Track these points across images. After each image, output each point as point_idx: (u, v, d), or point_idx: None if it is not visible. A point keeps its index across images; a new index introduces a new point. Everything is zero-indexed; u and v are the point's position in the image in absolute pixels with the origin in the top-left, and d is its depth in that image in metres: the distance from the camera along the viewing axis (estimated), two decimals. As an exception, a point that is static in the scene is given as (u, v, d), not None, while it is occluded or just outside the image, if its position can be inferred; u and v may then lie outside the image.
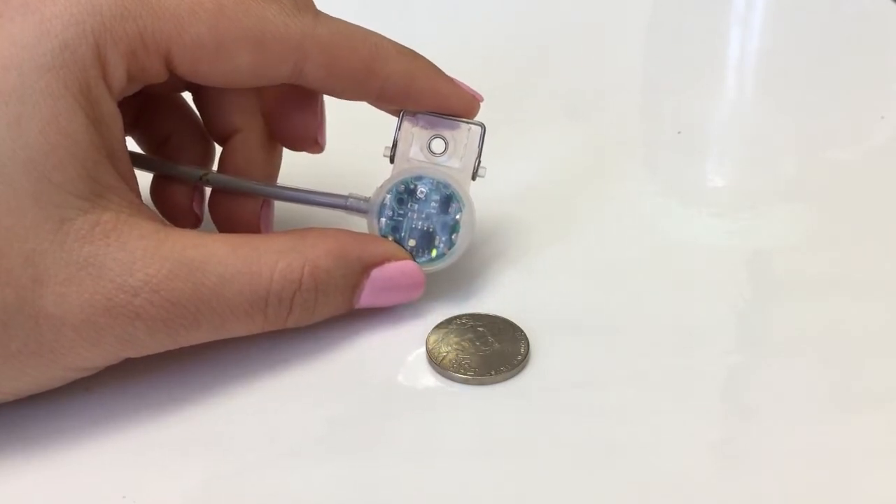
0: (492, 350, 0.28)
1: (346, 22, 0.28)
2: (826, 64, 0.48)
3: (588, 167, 0.38)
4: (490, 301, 0.30)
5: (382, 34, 0.29)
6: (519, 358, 0.28)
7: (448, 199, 0.29)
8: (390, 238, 0.29)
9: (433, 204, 0.29)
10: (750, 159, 0.41)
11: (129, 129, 0.31)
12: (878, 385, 0.27)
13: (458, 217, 0.29)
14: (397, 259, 0.29)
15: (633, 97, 0.46)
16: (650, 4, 0.57)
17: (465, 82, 0.30)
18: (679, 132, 0.42)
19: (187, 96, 0.32)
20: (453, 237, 0.29)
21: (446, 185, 0.29)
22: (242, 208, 0.30)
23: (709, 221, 0.36)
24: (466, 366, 0.27)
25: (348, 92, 0.29)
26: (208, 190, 0.31)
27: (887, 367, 0.28)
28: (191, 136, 0.32)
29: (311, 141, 0.31)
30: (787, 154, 0.40)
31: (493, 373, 0.27)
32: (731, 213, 0.36)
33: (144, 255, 0.24)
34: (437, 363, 0.27)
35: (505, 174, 0.32)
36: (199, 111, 0.32)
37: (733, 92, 0.48)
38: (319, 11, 0.28)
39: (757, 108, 0.46)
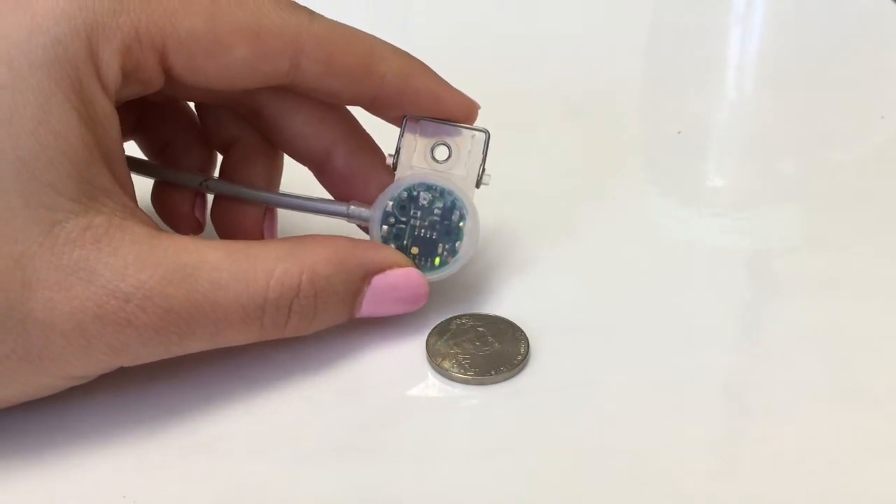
0: (492, 350, 0.28)
1: (340, 22, 0.28)
2: (826, 64, 0.48)
3: (588, 167, 0.38)
4: (490, 301, 0.30)
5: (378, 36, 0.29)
6: (519, 358, 0.28)
7: (451, 207, 0.29)
8: (392, 246, 0.29)
9: (436, 211, 0.29)
10: (750, 159, 0.41)
11: (131, 133, 0.31)
12: (877, 385, 0.27)
13: (461, 225, 0.29)
14: (399, 266, 0.28)
15: (633, 97, 0.46)
16: (650, 4, 0.57)
17: (464, 84, 0.30)
18: (679, 132, 0.41)
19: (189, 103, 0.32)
20: (456, 245, 0.29)
21: (450, 193, 0.29)
22: (245, 216, 0.30)
23: (709, 221, 0.36)
24: (466, 366, 0.27)
25: (345, 91, 0.28)
26: (211, 197, 0.31)
27: (887, 367, 0.28)
28: (192, 142, 0.31)
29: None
30: (787, 154, 0.40)
31: (493, 373, 0.27)
32: (731, 213, 0.36)
33: (137, 261, 0.24)
34: (437, 363, 0.27)
35: (505, 174, 0.32)
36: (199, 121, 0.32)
37: (733, 92, 0.48)
38: (314, 11, 0.28)
39: (757, 108, 0.46)
